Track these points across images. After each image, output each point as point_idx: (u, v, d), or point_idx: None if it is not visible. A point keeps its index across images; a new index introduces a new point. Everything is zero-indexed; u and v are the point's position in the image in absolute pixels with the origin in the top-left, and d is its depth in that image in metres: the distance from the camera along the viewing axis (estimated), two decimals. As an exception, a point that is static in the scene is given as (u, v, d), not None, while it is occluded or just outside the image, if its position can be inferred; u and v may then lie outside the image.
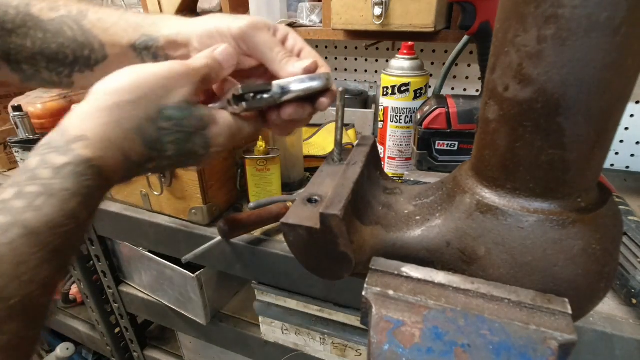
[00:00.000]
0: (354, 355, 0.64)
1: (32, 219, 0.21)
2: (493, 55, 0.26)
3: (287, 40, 0.38)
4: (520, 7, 0.23)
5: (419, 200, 0.35)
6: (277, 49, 0.35)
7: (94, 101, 0.27)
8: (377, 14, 0.70)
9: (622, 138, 0.80)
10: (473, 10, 0.52)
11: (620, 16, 0.20)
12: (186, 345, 0.91)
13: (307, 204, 0.32)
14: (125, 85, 0.28)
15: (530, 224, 0.26)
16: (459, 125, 0.58)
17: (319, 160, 0.76)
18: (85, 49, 0.36)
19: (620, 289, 0.43)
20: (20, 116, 0.68)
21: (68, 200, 0.23)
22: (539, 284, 0.26)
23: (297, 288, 0.60)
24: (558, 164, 0.25)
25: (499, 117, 0.26)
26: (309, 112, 0.36)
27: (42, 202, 0.22)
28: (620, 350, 0.40)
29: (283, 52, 0.35)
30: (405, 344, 0.24)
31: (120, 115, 0.27)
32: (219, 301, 0.78)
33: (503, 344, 0.23)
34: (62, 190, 0.23)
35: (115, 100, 0.27)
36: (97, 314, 0.93)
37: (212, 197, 0.60)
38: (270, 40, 0.35)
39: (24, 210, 0.21)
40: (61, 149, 0.24)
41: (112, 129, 0.26)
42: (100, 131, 0.26)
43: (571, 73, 0.22)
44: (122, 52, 0.36)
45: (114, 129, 0.26)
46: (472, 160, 0.31)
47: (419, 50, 0.91)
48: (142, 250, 0.75)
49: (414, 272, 0.29)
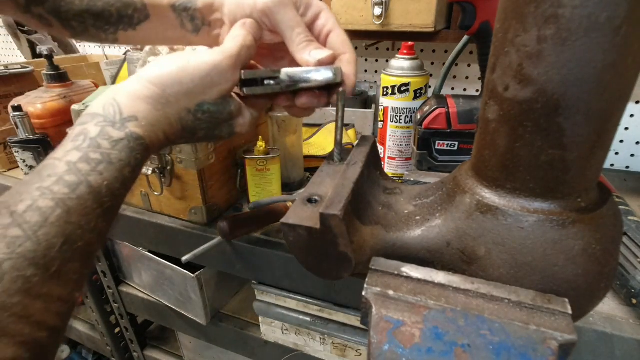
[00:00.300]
0: (354, 355, 0.64)
1: (95, 181, 0.26)
2: (493, 55, 0.26)
3: (318, 19, 0.37)
4: (520, 7, 0.23)
5: (419, 200, 0.35)
6: (298, 30, 0.35)
7: (143, 88, 0.30)
8: (377, 14, 0.70)
9: (622, 138, 0.80)
10: (473, 10, 0.52)
11: (620, 16, 0.20)
12: (186, 345, 0.91)
13: (307, 204, 0.32)
14: (169, 80, 0.31)
15: (530, 224, 0.26)
16: (459, 125, 0.58)
17: (319, 160, 0.76)
18: (129, 8, 0.39)
19: (620, 289, 0.43)
20: (20, 116, 0.68)
21: (122, 169, 0.27)
22: (539, 284, 0.26)
23: (297, 288, 0.59)
24: (558, 164, 0.25)
25: (499, 117, 0.26)
26: (324, 102, 0.36)
27: (103, 168, 0.26)
28: (620, 350, 0.40)
29: (303, 35, 0.35)
30: (405, 344, 0.24)
31: (165, 106, 0.31)
32: (219, 301, 0.78)
33: (503, 344, 0.23)
34: (119, 160, 0.27)
35: (160, 92, 0.30)
36: (97, 314, 0.93)
37: (212, 197, 0.60)
38: (293, 19, 0.35)
39: (88, 173, 0.25)
40: (117, 125, 0.28)
41: (159, 116, 0.30)
42: (149, 116, 0.30)
43: (571, 73, 0.22)
44: (163, 12, 0.39)
45: (160, 116, 0.30)
46: (472, 160, 0.31)
47: (419, 50, 0.91)
48: (142, 250, 0.75)
49: (414, 272, 0.29)
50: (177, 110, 0.31)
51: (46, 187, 0.24)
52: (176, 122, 0.32)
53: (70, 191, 0.24)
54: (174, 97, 0.31)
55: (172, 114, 0.31)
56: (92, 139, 0.27)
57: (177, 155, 0.56)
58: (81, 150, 0.26)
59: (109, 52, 1.35)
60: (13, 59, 1.66)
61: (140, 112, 0.29)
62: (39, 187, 0.24)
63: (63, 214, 0.24)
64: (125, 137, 0.28)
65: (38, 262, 0.22)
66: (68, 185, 0.24)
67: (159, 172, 0.59)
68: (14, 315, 0.21)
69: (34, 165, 0.71)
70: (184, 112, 0.32)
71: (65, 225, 0.23)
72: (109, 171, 0.26)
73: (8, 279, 0.21)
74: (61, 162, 0.25)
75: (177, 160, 0.57)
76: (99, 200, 0.26)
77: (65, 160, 0.25)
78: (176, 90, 0.31)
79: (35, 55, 1.37)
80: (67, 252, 0.23)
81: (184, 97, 0.31)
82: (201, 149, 0.55)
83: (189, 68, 0.31)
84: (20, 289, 0.21)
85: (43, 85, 0.79)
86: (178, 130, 0.32)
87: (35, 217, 0.23)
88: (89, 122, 0.28)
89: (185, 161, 0.56)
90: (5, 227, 0.22)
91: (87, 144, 0.27)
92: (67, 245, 0.23)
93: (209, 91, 0.32)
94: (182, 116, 0.32)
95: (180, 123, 0.32)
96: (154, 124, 0.30)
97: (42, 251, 0.22)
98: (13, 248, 0.21)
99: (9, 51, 1.65)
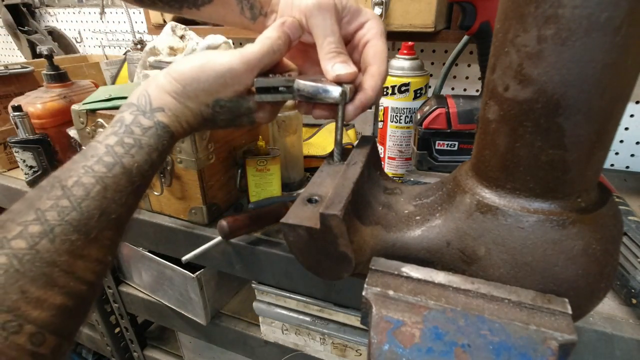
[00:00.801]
0: (354, 355, 0.64)
1: (128, 163, 0.30)
2: (493, 55, 0.26)
3: (362, 28, 0.38)
4: (520, 7, 0.23)
5: (419, 200, 0.35)
6: (330, 39, 0.35)
7: (167, 83, 0.33)
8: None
9: (622, 138, 0.80)
10: (473, 10, 0.52)
11: (620, 16, 0.20)
12: (186, 345, 0.91)
13: (307, 204, 0.32)
14: (189, 77, 0.33)
15: (530, 224, 0.26)
16: (459, 125, 0.58)
17: (319, 160, 0.76)
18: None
19: (620, 289, 0.43)
20: (20, 116, 0.68)
21: (151, 152, 0.31)
22: (539, 284, 0.26)
23: (297, 288, 0.59)
24: (558, 164, 0.25)
25: (499, 117, 0.26)
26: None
27: (135, 152, 0.30)
28: (620, 350, 0.40)
29: (334, 45, 0.35)
30: (405, 344, 0.24)
31: (187, 100, 0.34)
32: (219, 301, 0.78)
33: (503, 344, 0.23)
34: (148, 145, 0.31)
35: (182, 88, 0.33)
36: (97, 314, 0.92)
37: (212, 197, 0.60)
38: (328, 26, 0.35)
39: (122, 155, 0.30)
40: (147, 114, 0.32)
41: (182, 108, 0.34)
42: (173, 108, 0.33)
43: (571, 73, 0.22)
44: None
45: (183, 108, 0.34)
46: (472, 160, 0.31)
47: (419, 50, 0.91)
48: (142, 250, 0.75)
49: (414, 272, 0.29)
50: (196, 105, 0.34)
51: (89, 165, 0.28)
52: (197, 115, 0.35)
53: (107, 170, 0.29)
54: (193, 93, 0.34)
55: (193, 108, 0.34)
56: (127, 125, 0.31)
57: (177, 155, 0.56)
58: (118, 135, 0.31)
59: (108, 52, 1.35)
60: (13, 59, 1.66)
61: (166, 104, 0.33)
62: (83, 165, 0.28)
63: (101, 190, 0.28)
64: (154, 125, 0.32)
65: (81, 229, 0.27)
66: (106, 165, 0.29)
67: (159, 172, 0.59)
68: (62, 270, 0.25)
69: (34, 165, 0.71)
70: (203, 106, 0.34)
71: (102, 200, 0.28)
72: (139, 154, 0.31)
73: (58, 242, 0.25)
74: (101, 144, 0.30)
75: (177, 160, 0.57)
76: (130, 179, 0.30)
77: (104, 143, 0.30)
78: (194, 87, 0.33)
79: (35, 55, 1.37)
80: (103, 222, 0.28)
81: (201, 93, 0.34)
82: (201, 149, 0.55)
83: (207, 68, 0.33)
84: (67, 249, 0.26)
85: (43, 85, 0.78)
86: (200, 121, 0.35)
87: (80, 191, 0.27)
88: (126, 111, 0.32)
89: (185, 161, 0.56)
90: (57, 198, 0.27)
91: (122, 129, 0.31)
92: (104, 216, 0.28)
93: (223, 90, 0.34)
94: (201, 109, 0.35)
95: (201, 115, 0.35)
96: (178, 115, 0.34)
97: (84, 220, 0.27)
98: (62, 216, 0.26)
99: (9, 51, 1.65)
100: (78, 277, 0.26)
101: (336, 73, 0.34)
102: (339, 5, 0.36)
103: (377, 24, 0.38)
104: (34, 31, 1.38)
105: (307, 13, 0.35)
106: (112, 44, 1.37)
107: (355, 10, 0.37)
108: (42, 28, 1.40)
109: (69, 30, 1.44)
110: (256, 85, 0.35)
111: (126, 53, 1.07)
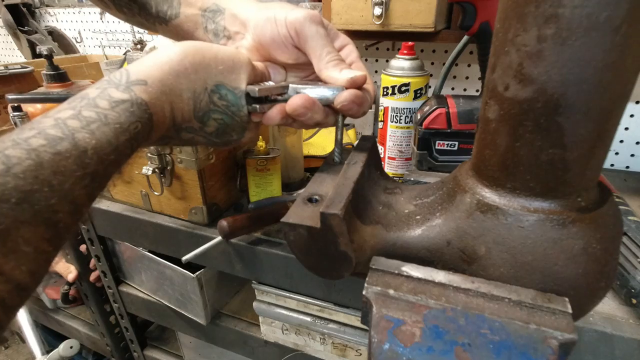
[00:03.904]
0: (354, 355, 0.64)
1: (82, 139, 0.22)
2: (493, 55, 0.26)
3: (343, 50, 0.38)
4: (520, 7, 0.23)
5: (419, 200, 0.35)
6: (329, 49, 0.35)
7: (162, 55, 0.29)
8: (377, 14, 0.70)
9: (622, 138, 0.80)
10: (473, 10, 0.52)
11: (620, 16, 0.20)
12: (186, 345, 0.91)
13: (307, 203, 0.32)
14: (192, 49, 0.29)
15: (530, 223, 0.26)
16: (459, 125, 0.58)
17: (319, 160, 0.76)
18: (165, 3, 0.41)
19: (620, 289, 0.43)
20: (20, 116, 0.68)
21: (119, 134, 0.24)
22: (539, 283, 0.26)
23: (297, 288, 0.59)
24: (558, 164, 0.25)
25: (499, 116, 0.26)
26: (332, 121, 0.37)
27: (96, 127, 0.23)
28: (620, 350, 0.40)
29: (334, 54, 0.35)
30: (406, 343, 0.25)
31: (180, 74, 0.28)
32: (219, 301, 0.78)
33: (503, 343, 0.23)
34: (116, 122, 0.24)
35: (179, 59, 0.28)
36: (97, 314, 0.92)
37: (212, 197, 0.60)
38: (324, 37, 0.35)
39: (77, 130, 0.22)
40: (121, 86, 0.26)
41: (170, 83, 0.28)
42: (159, 82, 0.27)
43: (571, 73, 0.22)
44: (193, 14, 0.41)
45: (172, 83, 0.28)
46: (472, 159, 0.31)
47: (419, 50, 0.91)
48: (142, 250, 0.75)
49: (414, 272, 0.29)
50: (192, 84, 0.29)
51: (23, 138, 0.21)
52: (188, 98, 0.29)
53: (47, 143, 0.21)
54: (192, 67, 0.29)
55: (186, 86, 0.29)
56: (90, 98, 0.25)
57: (177, 155, 0.56)
58: (75, 109, 0.23)
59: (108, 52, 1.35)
60: (13, 59, 1.66)
61: (150, 77, 0.27)
62: (14, 138, 0.21)
63: (32, 166, 0.20)
64: (129, 100, 0.25)
65: None
66: (47, 137, 0.21)
67: (159, 172, 0.59)
68: None
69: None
70: (201, 88, 0.30)
71: (31, 179, 0.19)
72: (101, 131, 0.23)
73: None
74: (49, 118, 0.23)
75: (177, 160, 0.57)
76: (82, 162, 0.22)
77: (54, 117, 0.23)
78: (198, 59, 0.29)
79: (35, 55, 1.37)
80: (23, 211, 0.19)
81: (203, 70, 0.29)
82: (201, 148, 0.55)
83: (214, 47, 0.31)
84: None
85: (43, 85, 0.78)
86: (188, 109, 0.30)
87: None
88: (92, 87, 0.26)
89: (186, 161, 0.56)
90: None
91: (83, 102, 0.24)
92: (26, 203, 0.19)
93: (228, 75, 0.31)
94: (197, 92, 0.29)
95: (193, 100, 0.29)
96: (164, 91, 0.28)
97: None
98: None
99: (9, 51, 1.65)
100: None
101: (349, 77, 0.34)
102: (324, 22, 0.36)
103: (355, 49, 0.38)
104: (34, 31, 1.38)
105: (298, 26, 0.35)
106: (112, 44, 1.37)
107: (335, 32, 0.38)
108: (42, 28, 1.40)
109: (69, 30, 1.44)
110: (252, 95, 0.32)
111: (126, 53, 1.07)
